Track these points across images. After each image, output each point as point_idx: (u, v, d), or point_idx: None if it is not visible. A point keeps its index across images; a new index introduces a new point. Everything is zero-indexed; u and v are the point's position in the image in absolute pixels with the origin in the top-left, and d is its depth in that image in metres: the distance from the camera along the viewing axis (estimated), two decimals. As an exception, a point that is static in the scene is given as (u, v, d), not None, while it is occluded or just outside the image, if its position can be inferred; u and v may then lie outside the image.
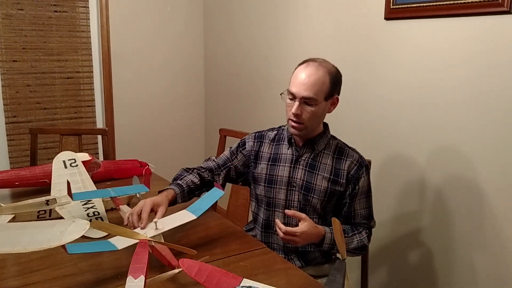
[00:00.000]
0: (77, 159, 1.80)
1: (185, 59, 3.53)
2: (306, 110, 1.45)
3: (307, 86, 1.43)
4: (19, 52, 2.97)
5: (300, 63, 1.50)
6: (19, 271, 1.22)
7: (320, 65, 1.46)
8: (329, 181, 1.51)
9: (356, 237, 1.50)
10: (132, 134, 3.39)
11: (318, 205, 1.52)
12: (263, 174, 1.59)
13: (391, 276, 2.16)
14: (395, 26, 2.01)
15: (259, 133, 1.66)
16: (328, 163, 1.52)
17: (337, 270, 0.95)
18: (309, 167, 1.53)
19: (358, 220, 1.55)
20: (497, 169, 1.68)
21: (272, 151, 1.60)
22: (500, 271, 1.71)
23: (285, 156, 1.57)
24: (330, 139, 1.57)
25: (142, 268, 0.97)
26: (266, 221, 1.60)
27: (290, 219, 1.53)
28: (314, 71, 1.44)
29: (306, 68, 1.46)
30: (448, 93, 1.82)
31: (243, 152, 1.64)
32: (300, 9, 2.55)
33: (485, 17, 1.66)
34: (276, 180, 1.56)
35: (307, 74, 1.44)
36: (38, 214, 1.53)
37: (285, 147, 1.58)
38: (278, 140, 1.61)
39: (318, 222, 1.53)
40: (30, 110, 3.07)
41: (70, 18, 3.09)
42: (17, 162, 3.05)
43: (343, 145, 1.58)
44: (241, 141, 1.67)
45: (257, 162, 1.61)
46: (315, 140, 1.54)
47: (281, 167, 1.56)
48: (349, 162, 1.52)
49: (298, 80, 1.45)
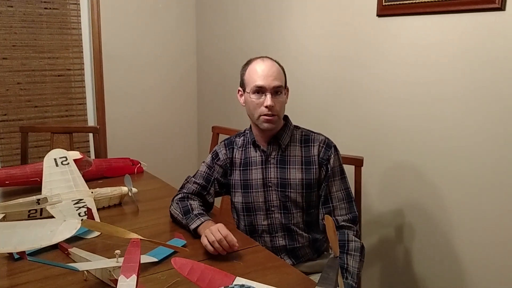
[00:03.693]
0: (68, 157, 1.79)
1: (177, 56, 3.52)
2: (277, 101, 1.47)
3: (274, 76, 1.46)
4: (9, 50, 2.93)
5: (247, 62, 1.54)
6: (10, 271, 1.21)
7: (269, 58, 1.51)
8: (302, 172, 1.51)
9: (352, 257, 1.40)
10: (124, 132, 3.37)
11: (298, 199, 1.51)
12: (238, 180, 1.58)
13: (384, 274, 2.17)
14: (387, 23, 2.01)
15: (228, 140, 1.65)
16: (297, 155, 1.53)
17: (330, 267, 0.95)
18: (280, 164, 1.53)
19: (338, 213, 1.48)
20: (493, 164, 1.69)
21: (242, 156, 1.59)
22: (501, 270, 1.73)
23: (255, 158, 1.56)
24: (293, 130, 1.57)
25: (134, 268, 0.96)
26: (250, 226, 1.59)
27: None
28: (271, 63, 1.49)
29: (263, 62, 1.49)
30: (441, 89, 1.82)
31: (219, 163, 1.61)
32: (293, 6, 2.54)
33: (477, 14, 1.67)
34: (251, 184, 1.55)
35: (268, 66, 1.47)
36: (29, 213, 1.52)
37: (252, 150, 1.58)
38: (245, 144, 1.60)
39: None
40: (21, 108, 3.04)
41: (60, 15, 3.06)
42: (8, 161, 3.02)
43: (307, 132, 1.57)
44: (213, 154, 1.64)
45: (232, 169, 1.60)
46: (278, 136, 1.53)
47: (253, 170, 1.56)
48: (317, 146, 1.52)
49: (262, 73, 1.46)
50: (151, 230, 1.49)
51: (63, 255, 1.29)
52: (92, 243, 1.38)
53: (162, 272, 1.20)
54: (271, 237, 1.55)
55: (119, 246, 1.16)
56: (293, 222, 1.53)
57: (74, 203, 1.57)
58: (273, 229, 1.55)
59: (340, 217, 1.49)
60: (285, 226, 1.54)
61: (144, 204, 1.73)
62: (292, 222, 1.53)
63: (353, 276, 1.36)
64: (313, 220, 1.56)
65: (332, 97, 2.32)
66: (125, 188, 1.72)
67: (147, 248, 1.27)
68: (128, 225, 1.52)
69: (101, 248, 1.34)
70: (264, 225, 1.55)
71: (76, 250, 1.27)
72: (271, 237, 1.55)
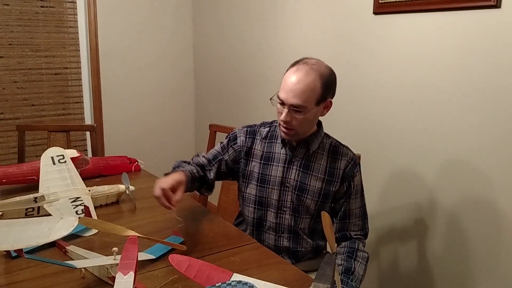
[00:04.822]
0: (65, 155, 1.79)
1: (174, 55, 3.51)
2: (295, 117, 1.39)
3: (295, 93, 1.36)
4: (5, 48, 2.93)
5: (292, 64, 1.43)
6: (7, 269, 1.21)
7: (311, 68, 1.38)
8: (323, 182, 1.48)
9: (358, 263, 1.43)
10: (121, 130, 3.37)
11: (312, 206, 1.50)
12: (255, 173, 1.55)
13: (383, 272, 2.17)
14: (383, 20, 2.01)
15: (251, 128, 1.60)
16: (322, 164, 1.49)
17: (326, 264, 0.95)
18: (303, 168, 1.50)
19: (352, 228, 1.51)
20: (491, 162, 1.70)
21: (264, 149, 1.55)
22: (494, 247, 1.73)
23: (279, 155, 1.53)
24: (323, 138, 1.53)
25: (131, 265, 0.96)
26: (258, 220, 1.57)
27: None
28: (304, 76, 1.36)
29: (296, 72, 1.38)
30: (437, 87, 1.83)
31: (234, 147, 1.58)
32: (289, 4, 2.55)
33: (473, 11, 1.67)
34: (269, 180, 1.52)
35: (297, 80, 1.36)
36: (26, 211, 1.51)
37: (279, 146, 1.53)
38: (271, 137, 1.56)
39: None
40: (18, 107, 3.03)
41: (57, 13, 3.06)
42: (4, 160, 3.02)
43: (337, 143, 1.54)
44: (231, 135, 1.61)
45: (249, 159, 1.57)
46: (309, 141, 1.49)
47: (274, 166, 1.52)
48: (345, 161, 1.49)
49: (287, 86, 1.38)
50: (149, 228, 1.49)
51: (60, 253, 1.29)
52: (89, 240, 1.38)
53: (160, 269, 1.20)
54: (277, 236, 1.55)
55: (117, 243, 1.16)
56: (300, 227, 1.53)
57: (72, 201, 1.57)
58: (280, 229, 1.54)
59: (353, 232, 1.52)
60: (292, 229, 1.53)
61: (142, 202, 1.72)
62: (300, 227, 1.53)
63: (357, 281, 1.39)
64: (318, 228, 1.56)
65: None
66: (123, 186, 1.71)
67: (144, 245, 1.27)
68: (126, 222, 1.52)
69: (99, 246, 1.34)
70: (272, 223, 1.54)
71: (73, 248, 1.26)
72: (277, 236, 1.55)
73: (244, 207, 1.62)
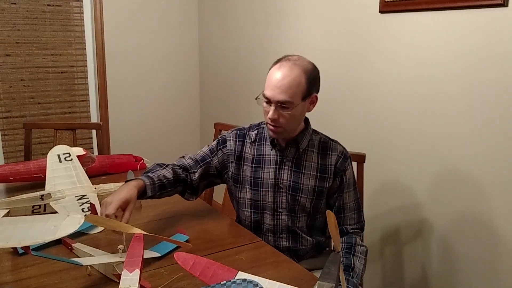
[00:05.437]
0: (72, 153, 1.79)
1: (180, 53, 3.52)
2: (282, 114, 1.39)
3: (281, 89, 1.35)
4: (12, 47, 2.94)
5: (275, 62, 1.42)
6: (14, 266, 1.22)
7: (294, 64, 1.38)
8: (316, 179, 1.48)
9: (358, 258, 1.44)
10: (126, 128, 3.38)
11: (307, 204, 1.50)
12: (247, 177, 1.54)
13: (385, 271, 2.17)
14: (389, 19, 2.00)
15: (240, 132, 1.59)
16: (313, 161, 1.49)
17: (331, 263, 0.95)
18: (295, 167, 1.49)
19: (348, 222, 1.51)
20: (494, 161, 1.69)
21: (255, 152, 1.54)
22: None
23: (269, 157, 1.52)
24: (312, 135, 1.53)
25: (137, 262, 0.96)
26: (255, 223, 1.57)
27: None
28: (288, 72, 1.36)
29: (280, 68, 1.38)
30: (443, 86, 1.82)
31: (223, 150, 1.57)
32: (294, 5, 2.54)
33: (480, 10, 1.66)
34: (262, 182, 1.52)
35: (281, 76, 1.36)
36: (32, 209, 1.52)
37: (268, 148, 1.52)
38: (259, 140, 1.55)
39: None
40: (24, 105, 3.05)
41: (63, 12, 3.07)
42: (11, 157, 3.04)
43: (326, 139, 1.53)
44: (220, 138, 1.60)
45: (240, 163, 1.56)
46: (298, 139, 1.49)
47: (265, 169, 1.52)
48: (336, 156, 1.49)
49: (272, 83, 1.37)
50: (154, 226, 1.50)
51: (66, 250, 1.30)
52: (95, 238, 1.39)
53: (165, 267, 1.21)
54: (275, 237, 1.55)
55: (123, 241, 1.16)
56: (298, 226, 1.53)
57: (78, 198, 1.58)
58: (278, 230, 1.54)
59: (349, 226, 1.51)
60: (290, 229, 1.53)
61: (147, 199, 1.73)
62: (297, 226, 1.53)
63: (358, 277, 1.39)
64: (315, 225, 1.56)
65: (334, 94, 2.32)
66: (128, 184, 1.72)
67: (150, 243, 1.28)
68: (131, 220, 1.51)
69: (105, 243, 1.35)
70: (270, 225, 1.54)
71: (79, 245, 1.27)
72: (275, 237, 1.55)
73: (240, 211, 1.62)
